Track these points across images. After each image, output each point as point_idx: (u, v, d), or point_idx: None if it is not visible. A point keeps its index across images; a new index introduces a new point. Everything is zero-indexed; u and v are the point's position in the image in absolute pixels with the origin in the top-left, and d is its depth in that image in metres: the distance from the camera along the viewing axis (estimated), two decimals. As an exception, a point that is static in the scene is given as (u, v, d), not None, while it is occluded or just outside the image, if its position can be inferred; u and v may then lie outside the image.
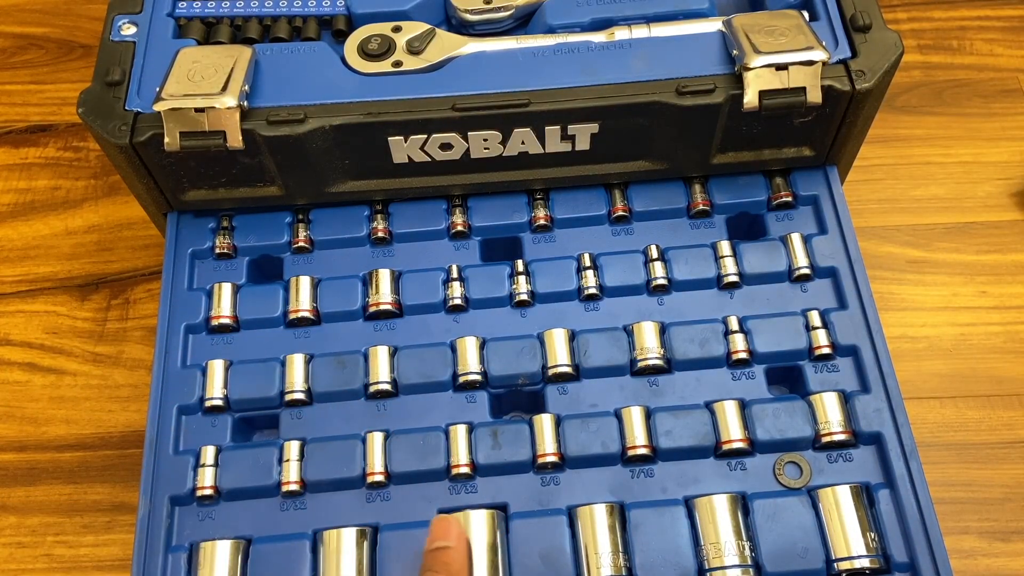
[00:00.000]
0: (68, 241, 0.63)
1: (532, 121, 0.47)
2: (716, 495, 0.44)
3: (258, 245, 0.51)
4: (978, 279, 0.59)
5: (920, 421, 0.54)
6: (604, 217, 0.52)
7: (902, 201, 0.62)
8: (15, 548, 0.52)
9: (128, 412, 0.56)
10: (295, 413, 0.47)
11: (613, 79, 0.47)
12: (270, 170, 0.48)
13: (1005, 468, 0.52)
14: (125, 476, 0.54)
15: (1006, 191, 0.62)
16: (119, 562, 0.51)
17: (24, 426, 0.56)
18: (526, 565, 0.43)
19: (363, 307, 0.50)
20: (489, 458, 0.45)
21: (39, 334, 0.59)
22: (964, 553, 0.50)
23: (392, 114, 0.46)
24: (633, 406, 0.46)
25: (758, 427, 0.45)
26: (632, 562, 0.42)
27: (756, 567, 0.42)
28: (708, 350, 0.47)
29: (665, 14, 0.50)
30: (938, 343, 0.57)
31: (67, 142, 0.67)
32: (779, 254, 0.50)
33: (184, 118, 0.45)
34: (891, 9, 0.71)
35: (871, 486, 0.44)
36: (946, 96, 0.67)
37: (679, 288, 0.50)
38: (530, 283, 0.50)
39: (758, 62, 0.45)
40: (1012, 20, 0.70)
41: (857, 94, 0.46)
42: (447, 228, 0.52)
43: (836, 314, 0.48)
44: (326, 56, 0.49)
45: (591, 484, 0.45)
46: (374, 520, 0.44)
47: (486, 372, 0.47)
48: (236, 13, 0.52)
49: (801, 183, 0.51)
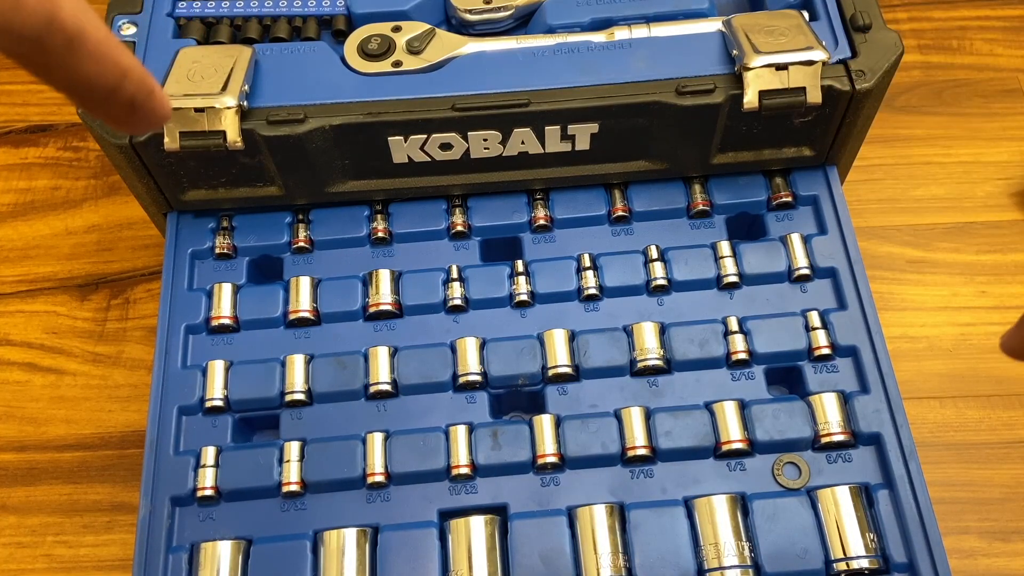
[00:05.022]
0: (68, 241, 0.63)
1: (532, 121, 0.47)
2: (716, 495, 0.44)
3: (258, 245, 0.51)
4: (978, 279, 0.59)
5: (920, 421, 0.54)
6: (604, 217, 0.52)
7: (902, 201, 0.62)
8: (15, 548, 0.52)
9: (128, 412, 0.56)
10: (295, 414, 0.47)
11: (613, 79, 0.47)
12: (270, 170, 0.48)
13: (1005, 468, 0.52)
14: (125, 476, 0.54)
15: (1006, 191, 0.62)
16: (119, 562, 0.51)
17: (24, 426, 0.56)
18: (526, 565, 0.43)
19: (363, 307, 0.50)
20: (489, 458, 0.45)
21: (39, 334, 0.59)
22: (964, 553, 0.50)
23: (392, 114, 0.46)
24: (633, 406, 0.46)
25: (757, 428, 0.45)
26: (632, 562, 0.42)
27: (755, 567, 0.42)
28: (708, 350, 0.47)
29: (665, 14, 0.50)
30: (938, 343, 0.57)
31: (67, 142, 0.67)
32: (779, 254, 0.50)
33: (184, 118, 0.45)
34: (891, 9, 0.71)
35: (870, 487, 0.44)
36: (946, 96, 0.67)
37: (679, 288, 0.50)
38: (530, 283, 0.50)
39: (758, 62, 0.45)
40: (1012, 20, 0.70)
41: (857, 94, 0.46)
42: (447, 228, 0.52)
43: (836, 314, 0.48)
44: (326, 56, 0.49)
45: (591, 484, 0.45)
46: (374, 520, 0.44)
47: (486, 372, 0.47)
48: (236, 13, 0.52)
49: (801, 183, 0.51)
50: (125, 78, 0.25)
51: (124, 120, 0.26)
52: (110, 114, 0.26)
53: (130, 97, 0.25)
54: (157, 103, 0.26)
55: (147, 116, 0.26)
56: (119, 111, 0.25)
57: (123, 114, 0.26)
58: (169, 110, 0.27)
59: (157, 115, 0.26)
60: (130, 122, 0.26)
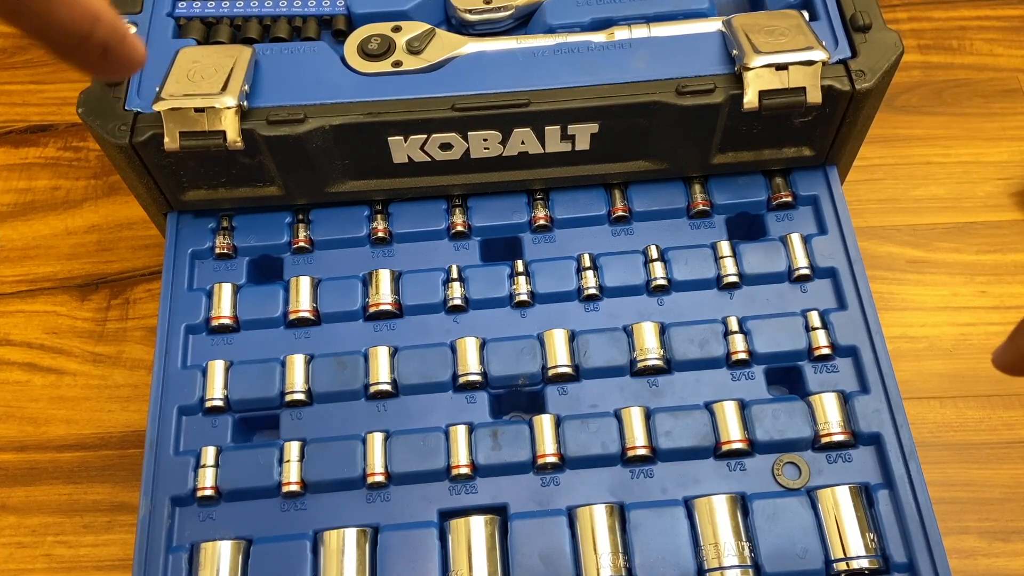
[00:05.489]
0: (68, 241, 0.63)
1: (532, 121, 0.47)
2: (716, 495, 0.44)
3: (258, 245, 0.51)
4: (978, 279, 0.59)
5: (920, 421, 0.54)
6: (604, 217, 0.52)
7: (902, 201, 0.62)
8: (15, 548, 0.52)
9: (128, 412, 0.56)
10: (295, 414, 0.47)
11: (613, 79, 0.47)
12: (270, 170, 0.48)
13: (1005, 468, 0.52)
14: (125, 476, 0.54)
15: (1006, 191, 0.62)
16: (119, 562, 0.51)
17: (24, 426, 0.56)
18: (526, 565, 0.43)
19: (363, 307, 0.50)
20: (489, 458, 0.45)
21: (39, 334, 0.59)
22: (964, 553, 0.50)
23: (392, 114, 0.46)
24: (633, 406, 0.46)
25: (757, 428, 0.45)
26: (632, 563, 0.42)
27: (755, 567, 0.42)
28: (708, 350, 0.47)
29: (665, 14, 0.50)
30: (938, 343, 0.57)
31: (67, 142, 0.67)
32: (779, 254, 0.50)
33: (184, 118, 0.45)
34: (891, 9, 0.71)
35: (870, 486, 0.44)
36: (946, 96, 0.67)
37: (679, 288, 0.50)
38: (530, 283, 0.50)
39: (758, 62, 0.45)
40: (1012, 20, 0.70)
41: (857, 94, 0.46)
42: (447, 228, 0.52)
43: (836, 314, 0.48)
44: (326, 56, 0.49)
45: (591, 484, 0.45)
46: (374, 520, 0.44)
47: (486, 372, 0.47)
48: (236, 13, 0.52)
49: (801, 183, 0.51)
50: (97, 23, 0.25)
51: (97, 66, 0.26)
52: (84, 60, 0.26)
53: (102, 42, 0.25)
54: (130, 47, 0.26)
55: (120, 61, 0.26)
56: (92, 57, 0.25)
57: (96, 60, 0.26)
58: (143, 54, 0.27)
59: (131, 59, 0.26)
60: (103, 68, 0.26)
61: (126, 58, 0.26)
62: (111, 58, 0.26)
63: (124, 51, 0.26)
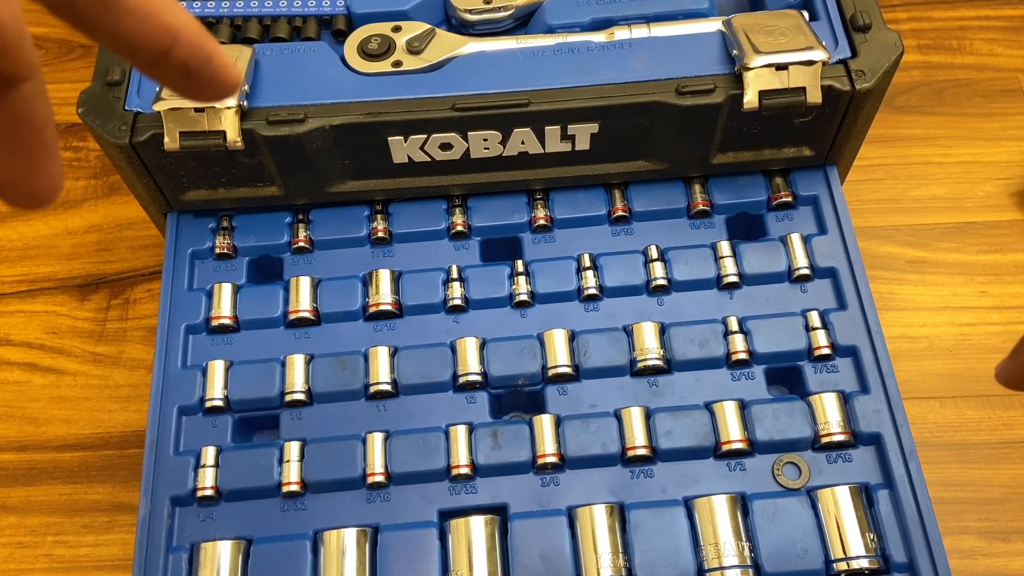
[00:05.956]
0: (68, 241, 0.63)
1: (532, 121, 0.47)
2: (716, 495, 0.44)
3: (258, 245, 0.51)
4: (978, 279, 0.59)
5: (920, 421, 0.54)
6: (604, 217, 0.52)
7: (902, 201, 0.62)
8: (15, 548, 0.52)
9: (128, 412, 0.56)
10: (295, 414, 0.47)
11: (613, 79, 0.47)
12: (270, 170, 0.48)
13: (1005, 468, 0.52)
14: (125, 476, 0.54)
15: (1006, 191, 0.62)
16: (119, 562, 0.51)
17: (24, 426, 0.56)
18: (526, 565, 0.43)
19: (363, 307, 0.50)
20: (489, 458, 0.45)
21: (39, 334, 0.59)
22: (964, 553, 0.50)
23: (392, 114, 0.46)
24: (633, 406, 0.46)
25: (757, 428, 0.45)
26: (632, 562, 0.42)
27: (755, 567, 0.42)
28: (708, 350, 0.47)
29: (665, 14, 0.50)
30: (938, 343, 0.57)
31: (67, 142, 0.67)
32: (779, 254, 0.50)
33: (184, 118, 0.45)
34: (891, 9, 0.71)
35: (870, 486, 0.44)
36: (946, 96, 0.67)
37: (679, 288, 0.50)
38: (530, 283, 0.50)
39: (758, 62, 0.45)
40: (1012, 20, 0.70)
41: (857, 94, 0.46)
42: (447, 228, 0.52)
43: (836, 314, 0.48)
44: (326, 56, 0.49)
45: (591, 484, 0.45)
46: (374, 520, 0.44)
47: (486, 372, 0.47)
48: (236, 13, 0.52)
49: (801, 183, 0.51)
50: (176, 41, 0.22)
51: (181, 86, 0.23)
52: (166, 79, 0.23)
53: (182, 61, 0.22)
54: (217, 70, 0.23)
55: (205, 85, 0.23)
56: (174, 76, 0.23)
57: (179, 80, 0.23)
58: (234, 79, 0.24)
59: (218, 83, 0.23)
60: (188, 89, 0.23)
61: (211, 80, 0.23)
62: (195, 80, 0.23)
63: (209, 73, 0.23)
